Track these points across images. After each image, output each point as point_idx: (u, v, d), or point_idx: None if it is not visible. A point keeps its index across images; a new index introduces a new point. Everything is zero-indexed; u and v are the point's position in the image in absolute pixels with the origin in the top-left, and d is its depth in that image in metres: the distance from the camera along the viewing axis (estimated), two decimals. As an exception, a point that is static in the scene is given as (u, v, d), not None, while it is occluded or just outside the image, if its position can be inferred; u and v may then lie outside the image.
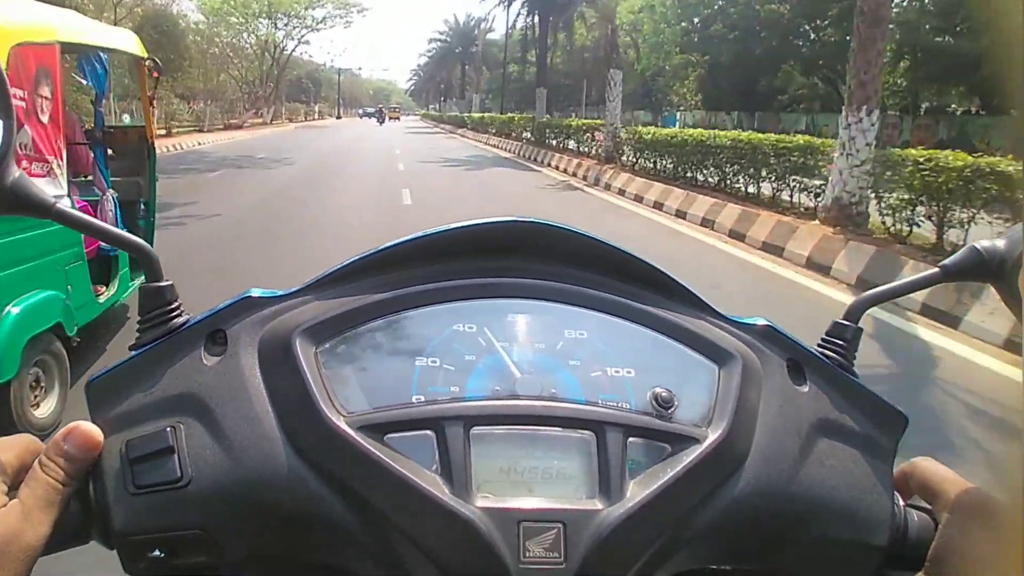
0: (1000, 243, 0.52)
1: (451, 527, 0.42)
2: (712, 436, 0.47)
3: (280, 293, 0.53)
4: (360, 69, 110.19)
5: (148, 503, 0.44)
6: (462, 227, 0.53)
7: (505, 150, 26.80)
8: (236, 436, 0.46)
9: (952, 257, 0.54)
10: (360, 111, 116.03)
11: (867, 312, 0.58)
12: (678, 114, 38.76)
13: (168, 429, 0.46)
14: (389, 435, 0.44)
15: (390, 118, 72.26)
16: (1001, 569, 0.42)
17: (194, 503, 0.44)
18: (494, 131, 32.93)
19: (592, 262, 0.55)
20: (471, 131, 39.95)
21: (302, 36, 51.71)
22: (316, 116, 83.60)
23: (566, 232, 0.54)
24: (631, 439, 0.46)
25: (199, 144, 25.97)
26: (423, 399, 0.47)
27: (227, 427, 0.46)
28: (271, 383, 0.48)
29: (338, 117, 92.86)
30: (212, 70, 40.95)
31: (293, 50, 53.67)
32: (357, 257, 0.53)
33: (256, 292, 0.53)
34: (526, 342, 0.50)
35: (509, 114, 37.32)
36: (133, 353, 0.50)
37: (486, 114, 42.56)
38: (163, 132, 27.51)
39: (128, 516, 0.44)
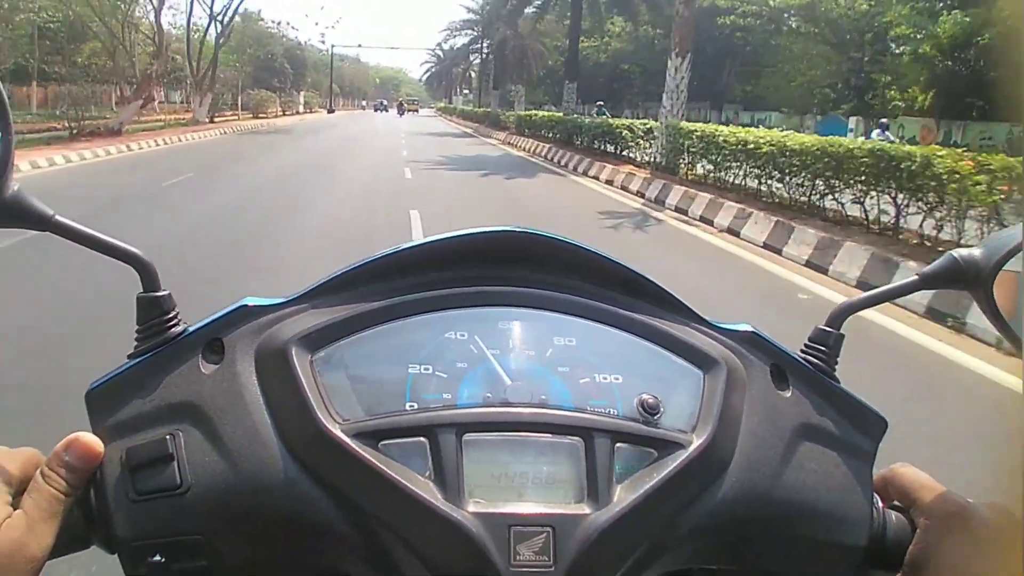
0: (977, 252, 0.53)
1: (444, 531, 0.43)
2: (697, 441, 0.48)
3: (276, 302, 0.54)
4: (360, 47, 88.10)
5: (148, 510, 0.45)
6: (455, 236, 0.54)
7: None
8: (234, 443, 0.47)
9: (931, 265, 0.55)
10: (374, 103, 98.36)
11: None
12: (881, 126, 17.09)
13: (167, 437, 0.47)
14: (383, 442, 0.46)
15: (408, 111, 73.85)
16: (976, 572, 0.45)
17: (193, 509, 0.45)
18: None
19: (581, 271, 0.56)
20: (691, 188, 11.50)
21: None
22: (300, 109, 63.90)
23: (556, 242, 0.56)
24: (618, 445, 0.47)
25: None
26: (416, 406, 0.48)
27: (225, 435, 0.47)
28: (268, 391, 0.49)
29: (330, 111, 74.26)
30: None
31: (240, 4, 33.82)
32: (352, 266, 0.54)
33: (251, 301, 0.53)
34: (516, 350, 0.51)
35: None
36: (132, 362, 0.51)
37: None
38: None
39: (129, 522, 0.45)
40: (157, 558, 0.45)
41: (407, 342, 0.51)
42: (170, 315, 0.53)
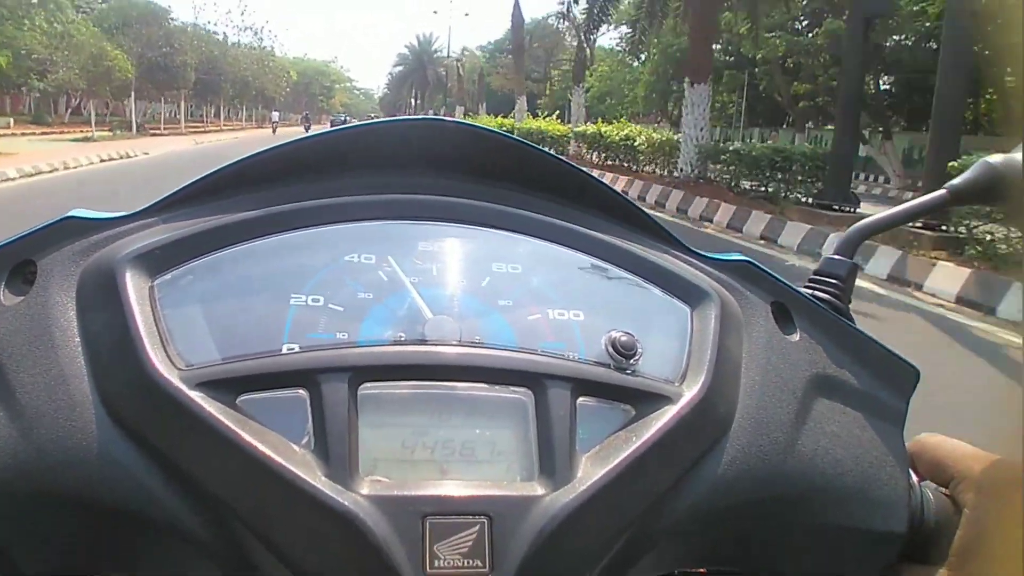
0: (1017, 155, 0.44)
1: (325, 524, 0.32)
2: (688, 394, 0.37)
3: (115, 216, 0.40)
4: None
5: None
6: (358, 127, 0.42)
7: None
8: (32, 402, 0.34)
9: (960, 177, 0.46)
10: (309, 117, 54.90)
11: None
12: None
13: None
14: (243, 396, 0.34)
15: None
16: None
17: None
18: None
19: (533, 182, 0.44)
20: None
21: None
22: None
23: (495, 137, 0.43)
24: (581, 399, 0.36)
25: None
26: (296, 348, 0.35)
27: (20, 390, 0.34)
28: (88, 330, 0.36)
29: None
30: None
31: None
32: (221, 168, 0.41)
33: (81, 213, 0.40)
34: (441, 277, 0.39)
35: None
36: None
37: None
38: None
39: None
40: None
41: (290, 265, 0.38)
42: None
